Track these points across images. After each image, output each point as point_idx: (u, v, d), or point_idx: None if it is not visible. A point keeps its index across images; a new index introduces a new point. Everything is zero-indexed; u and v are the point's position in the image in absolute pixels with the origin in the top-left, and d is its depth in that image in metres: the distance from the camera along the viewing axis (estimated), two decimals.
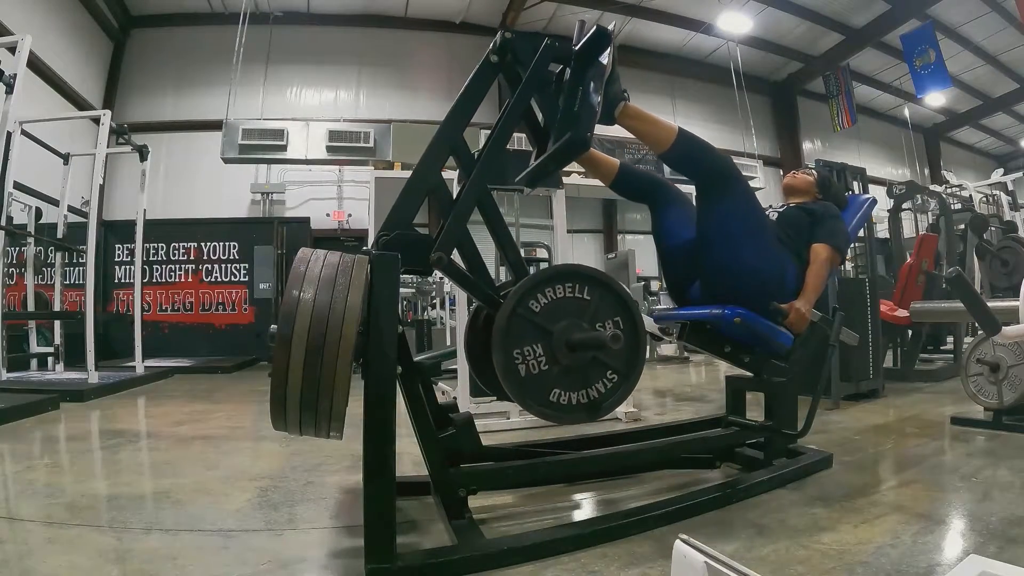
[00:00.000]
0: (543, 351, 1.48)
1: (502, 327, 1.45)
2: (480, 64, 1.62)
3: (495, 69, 1.62)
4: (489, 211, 1.64)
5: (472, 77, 1.62)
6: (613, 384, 1.54)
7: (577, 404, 1.51)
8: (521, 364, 1.46)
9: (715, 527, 1.58)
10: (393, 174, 5.41)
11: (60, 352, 5.16)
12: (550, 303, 1.51)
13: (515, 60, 1.60)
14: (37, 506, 1.80)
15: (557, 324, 1.49)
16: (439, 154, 1.58)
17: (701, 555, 0.83)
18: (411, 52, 9.91)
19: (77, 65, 7.93)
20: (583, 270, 1.59)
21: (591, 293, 1.54)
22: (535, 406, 1.48)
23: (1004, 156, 15.42)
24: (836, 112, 11.39)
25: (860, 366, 3.54)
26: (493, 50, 1.60)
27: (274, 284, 7.55)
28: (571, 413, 1.51)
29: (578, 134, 1.51)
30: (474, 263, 1.61)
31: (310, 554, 1.47)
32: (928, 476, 2.05)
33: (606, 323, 1.55)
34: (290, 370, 1.25)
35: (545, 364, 1.48)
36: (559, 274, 1.54)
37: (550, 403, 1.49)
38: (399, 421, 1.34)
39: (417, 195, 1.55)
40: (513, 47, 1.59)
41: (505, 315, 1.46)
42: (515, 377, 1.46)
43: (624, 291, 1.60)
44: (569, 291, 1.53)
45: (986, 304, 2.25)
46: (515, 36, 1.59)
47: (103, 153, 4.82)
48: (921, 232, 5.75)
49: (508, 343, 1.45)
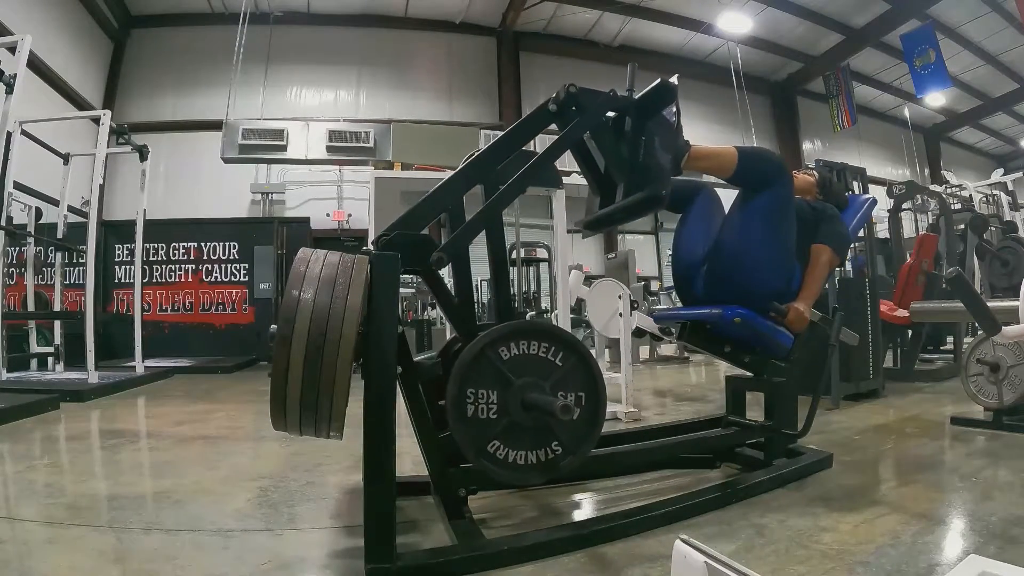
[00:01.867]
0: (496, 399, 1.43)
1: (467, 361, 1.40)
2: (537, 109, 1.64)
3: (551, 117, 1.63)
4: (495, 239, 1.65)
5: (526, 119, 1.64)
6: (556, 456, 1.47)
7: (513, 463, 1.44)
8: (471, 404, 1.41)
9: (715, 527, 1.58)
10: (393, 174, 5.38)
11: (60, 352, 5.16)
12: (521, 356, 1.45)
13: (577, 111, 1.62)
14: (37, 506, 1.80)
15: (520, 377, 1.43)
16: (469, 180, 1.60)
17: (701, 555, 0.83)
18: (411, 52, 9.92)
19: (77, 65, 7.94)
20: (565, 336, 1.54)
21: (564, 360, 1.48)
22: (471, 451, 1.41)
23: (1004, 156, 15.43)
24: (836, 112, 11.39)
25: (860, 366, 3.54)
26: (555, 100, 1.61)
27: (274, 284, 7.54)
28: (506, 470, 1.44)
29: (655, 192, 1.56)
30: (463, 288, 1.61)
31: (310, 554, 1.47)
32: (928, 476, 2.05)
33: (569, 395, 1.48)
34: (290, 370, 1.25)
35: (494, 412, 1.43)
36: (541, 331, 1.49)
37: (487, 453, 1.42)
38: (399, 421, 1.34)
39: (435, 209, 1.56)
40: (576, 100, 1.61)
41: (474, 351, 1.41)
42: (461, 414, 1.40)
43: (597, 369, 1.53)
44: (544, 350, 1.47)
45: (986, 304, 2.25)
46: (580, 90, 1.60)
47: (103, 153, 4.82)
48: (921, 232, 5.75)
49: (466, 378, 1.40)
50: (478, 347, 1.42)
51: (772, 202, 1.85)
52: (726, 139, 10.87)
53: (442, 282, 1.58)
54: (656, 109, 1.61)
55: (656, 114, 1.61)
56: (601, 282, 3.74)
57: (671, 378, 5.32)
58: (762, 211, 1.85)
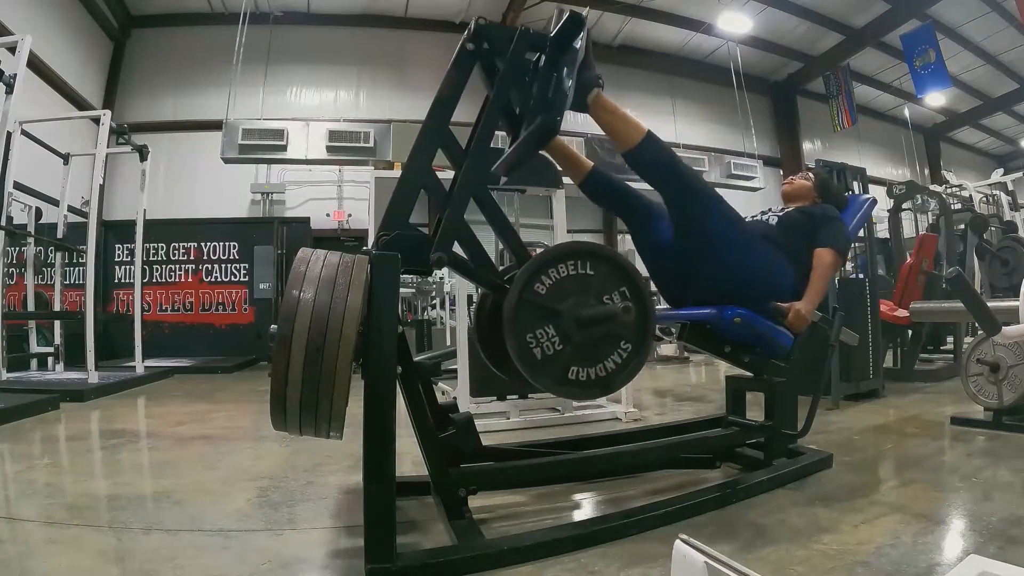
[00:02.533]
0: (555, 332, 1.49)
1: (510, 315, 1.46)
2: (456, 52, 1.61)
3: (472, 57, 1.61)
4: (485, 203, 1.63)
5: (450, 66, 1.61)
6: (628, 354, 1.56)
7: (596, 379, 1.53)
8: (536, 348, 1.48)
9: (715, 527, 1.58)
10: (393, 174, 5.40)
11: (60, 352, 5.16)
12: (555, 283, 1.51)
13: (491, 48, 1.60)
14: (37, 506, 1.80)
15: (565, 303, 1.50)
16: (428, 148, 1.58)
17: (701, 555, 0.83)
18: (411, 52, 9.91)
19: (77, 65, 7.93)
20: (582, 246, 1.59)
21: (594, 268, 1.55)
22: (555, 386, 1.50)
23: (1004, 156, 15.42)
24: (836, 112, 11.38)
25: (860, 366, 3.54)
26: (468, 38, 1.59)
27: (274, 284, 7.54)
28: (589, 389, 1.53)
29: (549, 117, 1.49)
30: (475, 253, 1.60)
31: (310, 554, 1.47)
32: (928, 476, 2.05)
33: (612, 295, 1.55)
34: (290, 370, 1.25)
35: (559, 344, 1.50)
36: (560, 254, 1.54)
37: (569, 381, 1.51)
38: (399, 421, 1.34)
39: (410, 192, 1.55)
40: (488, 34, 1.59)
41: (512, 303, 1.46)
42: (531, 361, 1.47)
43: (626, 262, 1.60)
44: (572, 269, 1.53)
45: (986, 304, 2.25)
46: (489, 24, 1.59)
47: (103, 153, 4.82)
48: (921, 232, 5.75)
49: (519, 329, 1.46)
50: (514, 297, 1.46)
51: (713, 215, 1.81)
52: (726, 139, 10.89)
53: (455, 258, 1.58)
54: (567, 42, 1.57)
55: (567, 48, 1.57)
56: None
57: (671, 378, 5.32)
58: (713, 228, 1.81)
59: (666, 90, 11.09)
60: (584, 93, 1.67)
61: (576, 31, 1.54)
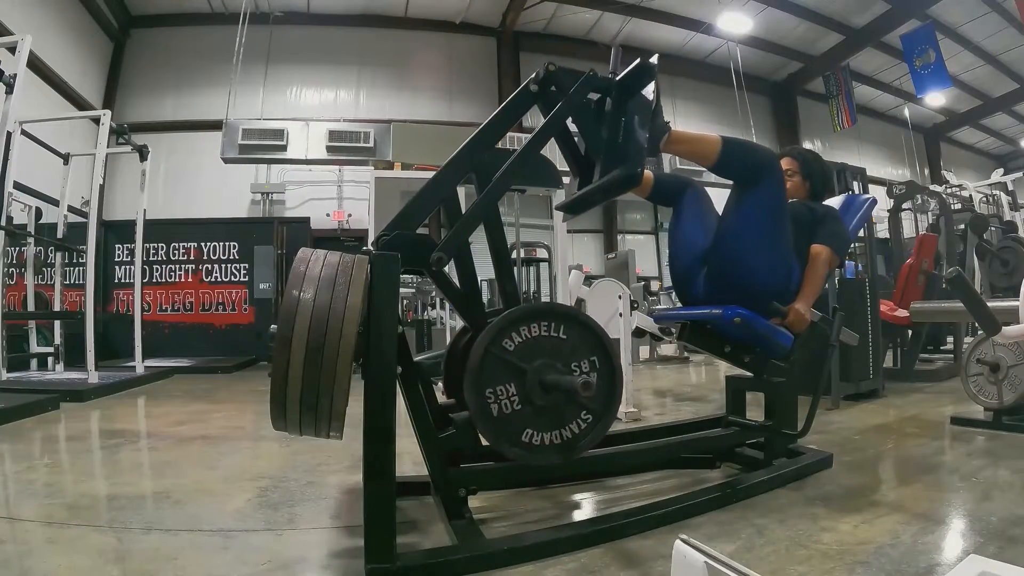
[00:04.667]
0: (516, 390, 1.44)
1: (474, 366, 1.41)
2: (519, 90, 1.63)
3: (533, 98, 1.63)
4: (495, 231, 1.65)
5: (508, 102, 1.63)
6: (588, 424, 1.50)
7: (550, 444, 1.47)
8: (494, 403, 1.42)
9: (715, 527, 1.58)
10: (393, 174, 5.41)
11: (60, 352, 5.16)
12: (525, 341, 1.46)
13: (557, 90, 1.61)
14: (37, 506, 1.80)
15: (531, 363, 1.44)
16: (459, 169, 1.59)
17: (701, 555, 0.83)
18: (411, 52, 9.91)
19: (77, 65, 7.94)
20: (559, 309, 1.56)
21: (567, 332, 1.50)
22: (507, 447, 1.42)
23: (1004, 156, 15.43)
24: (836, 112, 11.39)
25: (860, 366, 3.54)
26: (535, 80, 1.61)
27: (274, 284, 7.55)
28: (544, 453, 1.46)
29: (629, 170, 1.53)
30: (468, 280, 1.61)
31: (310, 554, 1.47)
32: (928, 476, 2.05)
33: (582, 363, 1.50)
34: (290, 370, 1.25)
35: (518, 404, 1.44)
36: (535, 312, 1.50)
37: (523, 443, 1.44)
38: (399, 421, 1.34)
39: (431, 202, 1.56)
40: (556, 79, 1.60)
41: (478, 354, 1.42)
42: (487, 415, 1.41)
43: (600, 329, 1.55)
44: (545, 330, 1.48)
45: (986, 304, 2.25)
46: (559, 69, 1.60)
47: (103, 153, 4.82)
48: (921, 232, 5.75)
49: (481, 382, 1.41)
50: (481, 348, 1.42)
51: (764, 199, 1.83)
52: None
53: (447, 278, 1.58)
54: (636, 89, 1.59)
55: (636, 94, 1.59)
56: (601, 282, 3.73)
57: (671, 378, 5.32)
58: (756, 209, 1.83)
59: (666, 90, 11.08)
60: (657, 141, 1.69)
61: (646, 78, 1.56)
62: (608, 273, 8.11)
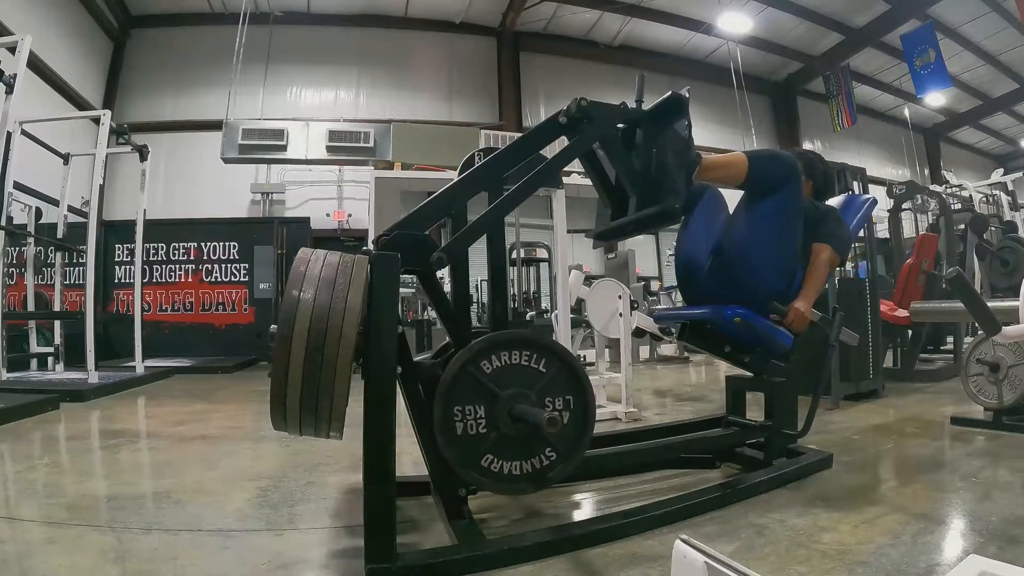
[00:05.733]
0: (483, 414, 1.44)
1: (447, 380, 1.41)
2: (548, 121, 1.65)
3: (561, 130, 1.64)
4: (496, 247, 1.65)
5: (536, 130, 1.65)
6: (551, 461, 1.48)
7: (509, 474, 1.45)
8: (459, 421, 1.42)
9: (715, 527, 1.58)
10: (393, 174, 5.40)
11: (60, 352, 5.16)
12: (503, 367, 1.46)
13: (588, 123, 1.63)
14: (37, 506, 1.81)
15: (504, 389, 1.44)
16: (474, 186, 1.60)
17: (701, 555, 0.83)
18: (411, 52, 9.91)
19: (77, 65, 7.93)
20: (543, 341, 1.54)
21: (547, 365, 1.50)
22: (465, 468, 1.42)
23: (1004, 156, 15.42)
24: (836, 112, 11.39)
25: (860, 366, 3.54)
26: (565, 113, 1.61)
27: (274, 284, 7.55)
28: (502, 482, 1.45)
29: (669, 207, 1.55)
30: (460, 293, 1.61)
31: (310, 554, 1.47)
32: (928, 476, 2.05)
33: (556, 399, 1.50)
34: (290, 370, 1.25)
35: (484, 427, 1.44)
36: (519, 340, 1.50)
37: (480, 467, 1.43)
38: (399, 421, 1.34)
39: (441, 213, 1.56)
40: (588, 114, 1.61)
41: (454, 370, 1.42)
42: (451, 434, 1.41)
43: (581, 369, 1.54)
44: (526, 359, 1.48)
45: (986, 304, 2.25)
46: (591, 104, 1.60)
47: (103, 153, 4.82)
48: (921, 232, 5.75)
49: (451, 397, 1.41)
50: (459, 364, 1.42)
51: (780, 205, 1.84)
52: (726, 139, 10.87)
53: (439, 286, 1.58)
54: (667, 121, 1.61)
55: (667, 126, 1.61)
56: (601, 282, 3.73)
57: (671, 378, 5.32)
58: (770, 213, 1.84)
59: (666, 90, 10.99)
60: (691, 174, 1.70)
61: (678, 110, 1.59)
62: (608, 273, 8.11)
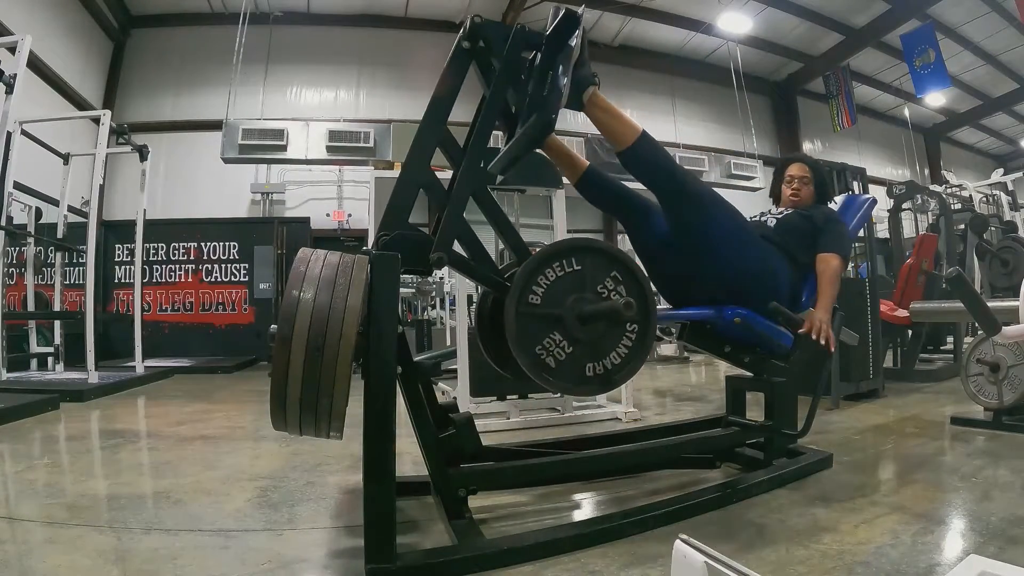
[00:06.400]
0: (562, 336, 1.50)
1: (513, 333, 1.45)
2: (452, 50, 1.62)
3: (468, 55, 1.62)
4: (484, 201, 1.63)
5: (447, 65, 1.62)
6: (637, 332, 1.57)
7: (613, 367, 1.53)
8: (548, 357, 1.48)
9: (715, 527, 1.58)
10: (393, 174, 5.40)
11: (60, 352, 5.16)
12: (547, 289, 1.51)
13: (488, 47, 1.61)
14: (37, 506, 1.80)
15: (563, 306, 1.50)
16: (426, 148, 1.57)
17: (701, 555, 0.83)
18: (411, 52, 9.90)
19: (77, 65, 7.92)
20: (562, 245, 1.58)
21: (580, 262, 1.54)
22: (575, 387, 1.51)
23: (1004, 156, 15.41)
24: (836, 112, 11.38)
25: (860, 366, 3.54)
26: (464, 36, 1.60)
27: (274, 284, 7.55)
28: (610, 377, 1.54)
29: (544, 115, 1.47)
30: (475, 251, 1.60)
31: (310, 554, 1.47)
32: (928, 476, 2.05)
33: (605, 282, 1.56)
34: (290, 370, 1.25)
35: (569, 347, 1.50)
36: (544, 258, 1.53)
37: (587, 379, 1.51)
38: (399, 421, 1.34)
39: (409, 192, 1.54)
40: (484, 32, 1.60)
41: (512, 319, 1.45)
42: (547, 370, 1.47)
43: (607, 245, 1.61)
44: (559, 270, 1.52)
45: (986, 304, 2.25)
46: (485, 21, 1.60)
47: (103, 153, 4.82)
48: (921, 232, 5.75)
49: (526, 344, 1.46)
50: (512, 312, 1.45)
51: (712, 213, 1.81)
52: (726, 139, 10.88)
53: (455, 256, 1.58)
54: (563, 41, 1.56)
55: (563, 46, 1.56)
56: None
57: (671, 378, 5.32)
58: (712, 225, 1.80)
59: (666, 90, 11.09)
60: (580, 91, 1.66)
61: (572, 29, 1.54)
62: None
